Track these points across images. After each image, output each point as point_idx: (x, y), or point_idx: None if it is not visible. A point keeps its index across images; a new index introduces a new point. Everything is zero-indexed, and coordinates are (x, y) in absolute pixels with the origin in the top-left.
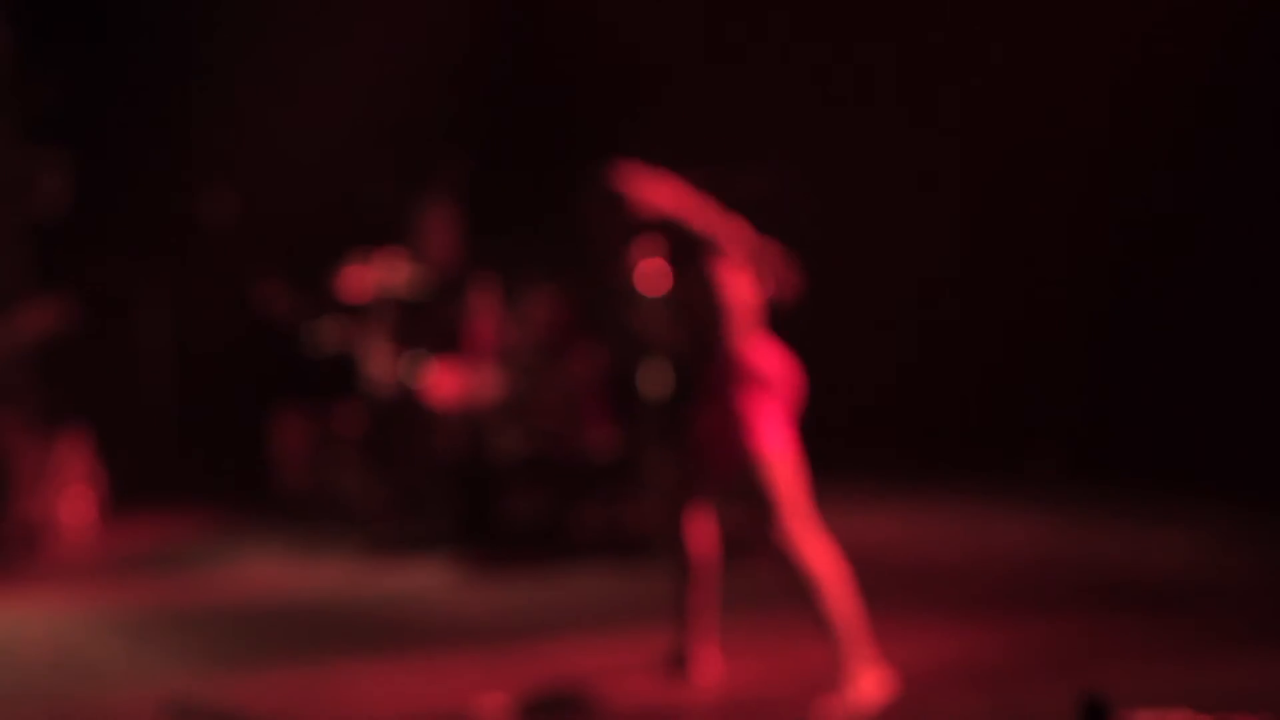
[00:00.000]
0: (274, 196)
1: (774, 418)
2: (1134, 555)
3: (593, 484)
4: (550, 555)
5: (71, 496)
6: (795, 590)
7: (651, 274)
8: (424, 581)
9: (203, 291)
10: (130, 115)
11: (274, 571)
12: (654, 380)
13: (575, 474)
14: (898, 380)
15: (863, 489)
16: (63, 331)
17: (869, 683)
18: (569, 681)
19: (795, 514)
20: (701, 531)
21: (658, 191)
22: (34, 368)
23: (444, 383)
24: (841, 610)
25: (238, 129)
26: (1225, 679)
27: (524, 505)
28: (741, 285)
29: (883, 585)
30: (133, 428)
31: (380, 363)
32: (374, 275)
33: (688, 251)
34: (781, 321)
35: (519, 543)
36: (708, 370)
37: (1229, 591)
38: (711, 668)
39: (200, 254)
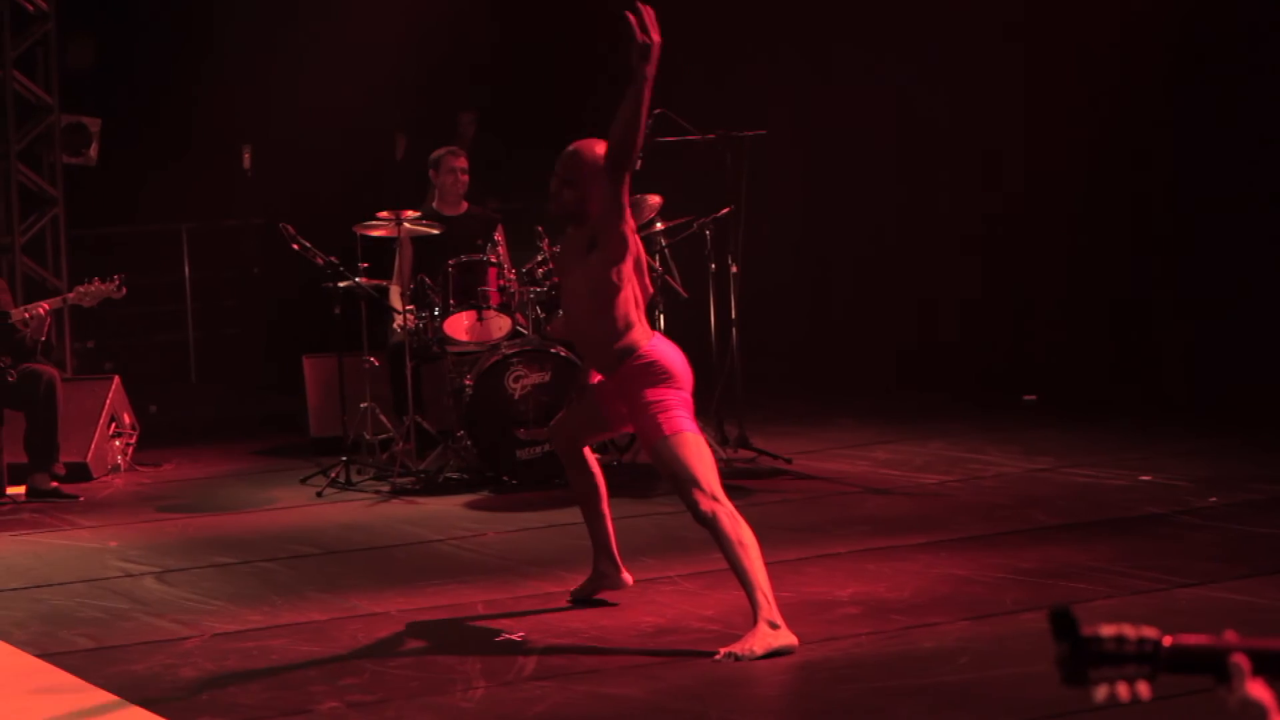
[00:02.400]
0: (295, 152)
1: (679, 403)
2: (1117, 486)
3: None
4: (563, 492)
5: (109, 440)
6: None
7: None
8: (444, 520)
9: (226, 244)
10: (153, 77)
11: (302, 510)
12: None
13: None
14: (895, 321)
15: (858, 425)
16: (100, 289)
17: (773, 636)
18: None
19: (709, 485)
20: (587, 462)
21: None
22: (70, 320)
23: (460, 328)
24: (756, 569)
25: (261, 88)
26: (1195, 601)
27: (538, 444)
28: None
29: (869, 517)
30: (164, 375)
31: (399, 309)
32: (391, 227)
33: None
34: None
35: (533, 479)
36: (615, 357)
37: (1208, 521)
38: (616, 580)
39: (223, 208)
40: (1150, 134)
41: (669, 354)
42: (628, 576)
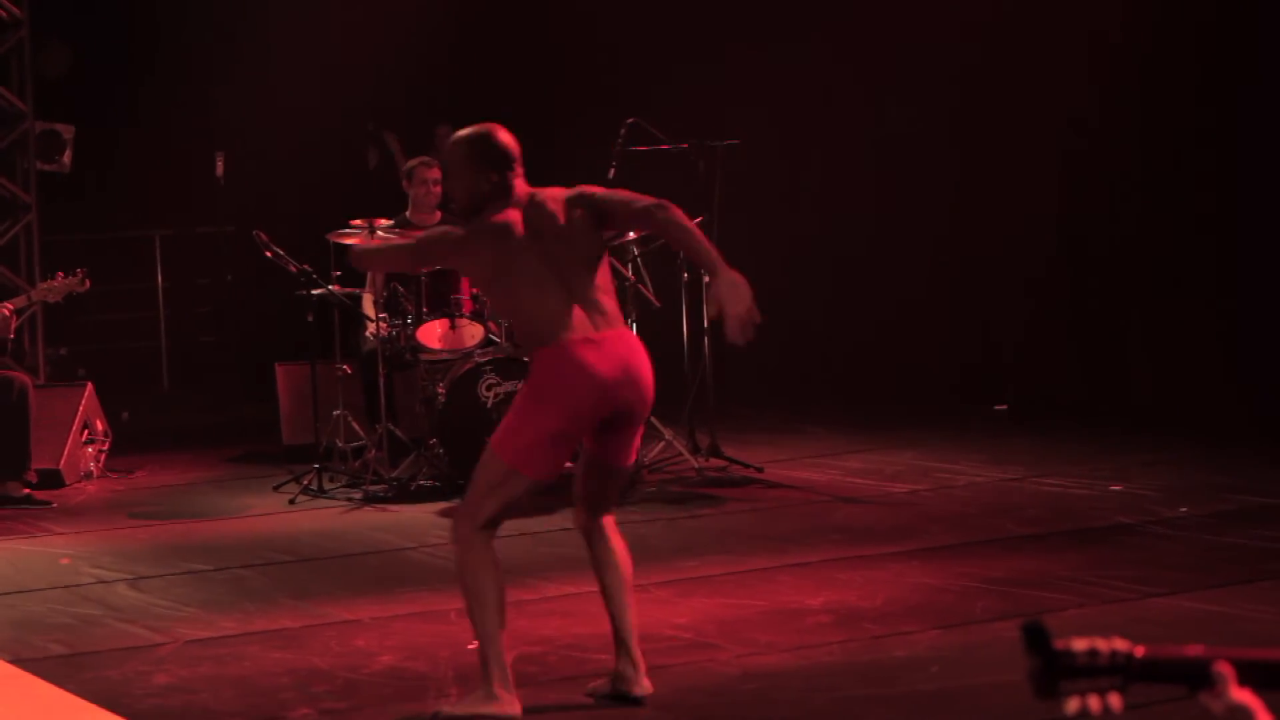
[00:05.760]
0: (269, 160)
1: (535, 424)
2: (1087, 496)
3: None
4: (535, 500)
5: (82, 447)
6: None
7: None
8: (417, 527)
9: (199, 251)
10: (127, 84)
11: (275, 518)
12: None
13: None
14: (866, 331)
15: (829, 435)
16: (73, 293)
17: (488, 704)
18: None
19: (477, 520)
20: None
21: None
22: (43, 327)
23: (433, 335)
24: (490, 626)
25: (235, 95)
26: (1165, 611)
27: None
28: None
29: (840, 526)
30: (137, 382)
31: (372, 317)
32: (365, 235)
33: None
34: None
35: None
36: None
37: (1177, 530)
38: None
39: (197, 215)
40: (1127, 144)
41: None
42: (647, 684)
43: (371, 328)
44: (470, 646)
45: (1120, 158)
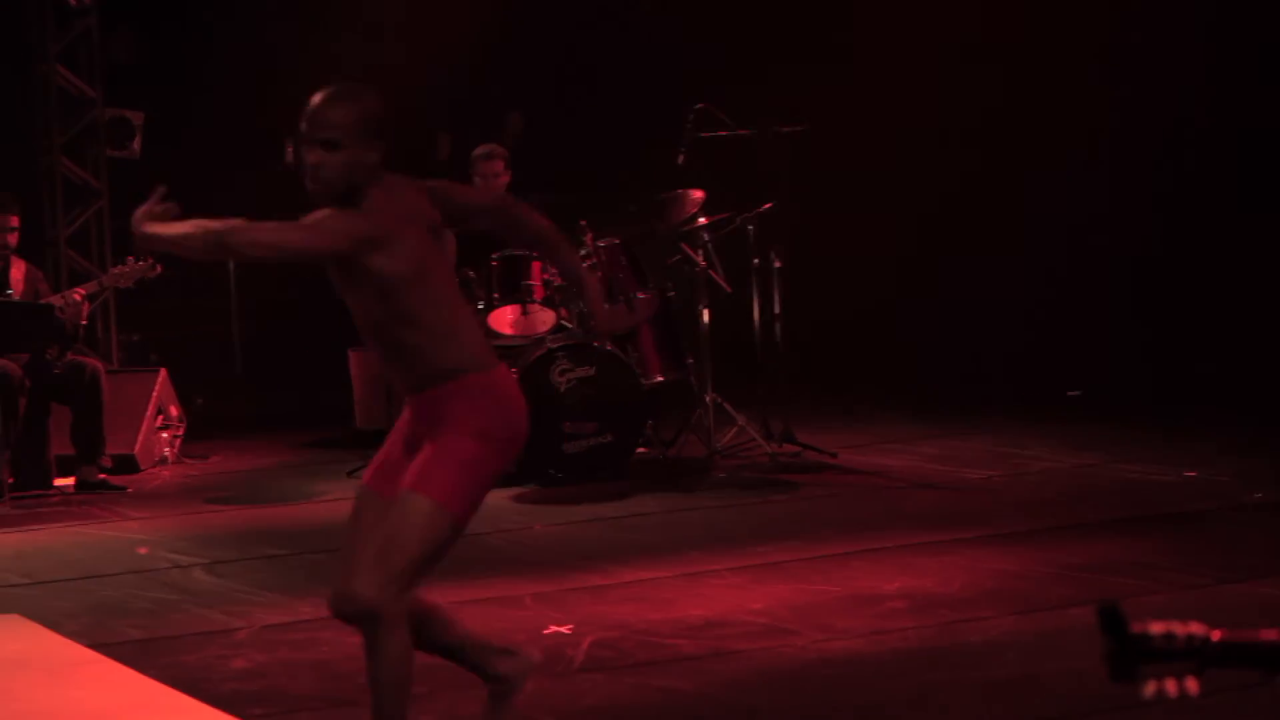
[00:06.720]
0: None
1: (485, 468)
2: (1162, 482)
3: (650, 415)
4: (609, 486)
5: (157, 433)
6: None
7: None
8: (490, 512)
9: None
10: (196, 70)
11: (349, 503)
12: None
13: (634, 406)
14: (939, 316)
15: (903, 420)
16: (144, 278)
17: None
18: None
19: (407, 590)
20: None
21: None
22: (115, 312)
23: (504, 321)
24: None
25: (303, 81)
26: (1240, 597)
27: (584, 437)
28: None
29: (915, 511)
30: (210, 367)
31: None
32: None
33: None
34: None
35: (579, 473)
36: None
37: (1252, 516)
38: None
39: (266, 201)
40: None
41: None
42: (532, 651)
43: None
44: (547, 631)
45: (1190, 149)
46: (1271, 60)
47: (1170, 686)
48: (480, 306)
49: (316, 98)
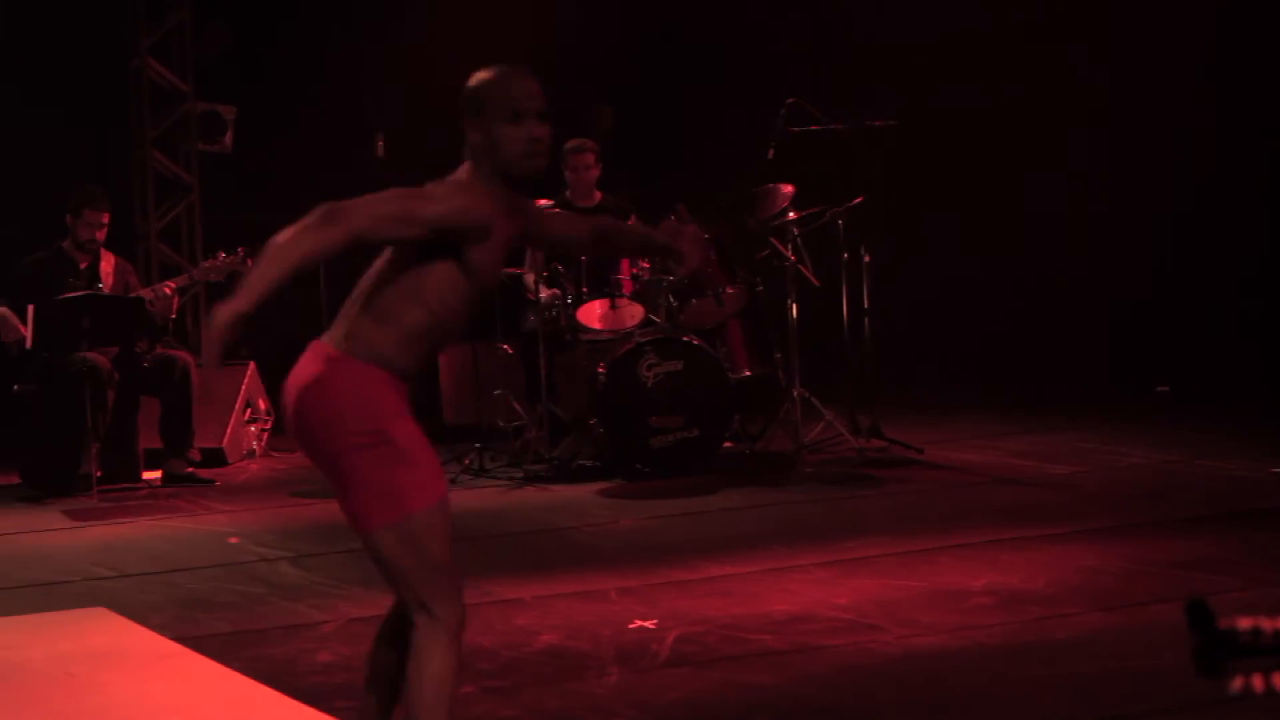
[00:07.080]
0: (428, 141)
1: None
2: (1249, 479)
3: (737, 410)
4: (695, 480)
5: (245, 426)
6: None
7: None
8: (577, 506)
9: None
10: (287, 64)
11: None
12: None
13: (721, 400)
14: (1022, 314)
15: (990, 416)
16: (235, 272)
17: None
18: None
19: (456, 595)
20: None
21: None
22: (205, 306)
23: (593, 315)
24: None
25: (395, 75)
26: None
27: (671, 431)
28: None
29: (1001, 507)
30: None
31: (532, 297)
32: None
33: None
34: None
35: (666, 467)
36: None
37: None
38: None
39: (357, 195)
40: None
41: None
42: None
43: (545, 292)
44: (632, 625)
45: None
46: None
47: (1257, 682)
48: (569, 301)
49: (508, 74)
